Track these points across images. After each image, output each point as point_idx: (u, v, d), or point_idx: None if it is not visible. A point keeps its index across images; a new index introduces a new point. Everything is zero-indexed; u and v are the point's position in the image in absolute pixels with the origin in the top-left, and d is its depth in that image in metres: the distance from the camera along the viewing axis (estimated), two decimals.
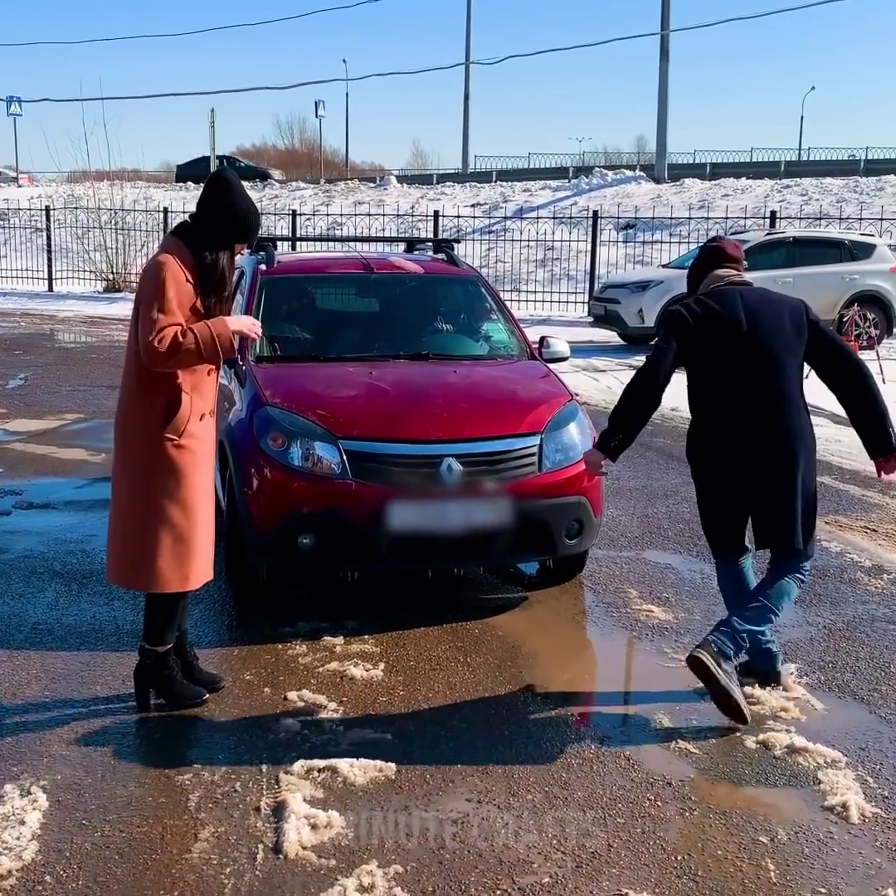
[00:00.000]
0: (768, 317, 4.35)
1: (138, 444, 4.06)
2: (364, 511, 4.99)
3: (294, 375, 5.77)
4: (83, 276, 25.48)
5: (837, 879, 3.24)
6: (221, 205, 4.06)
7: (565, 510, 5.26)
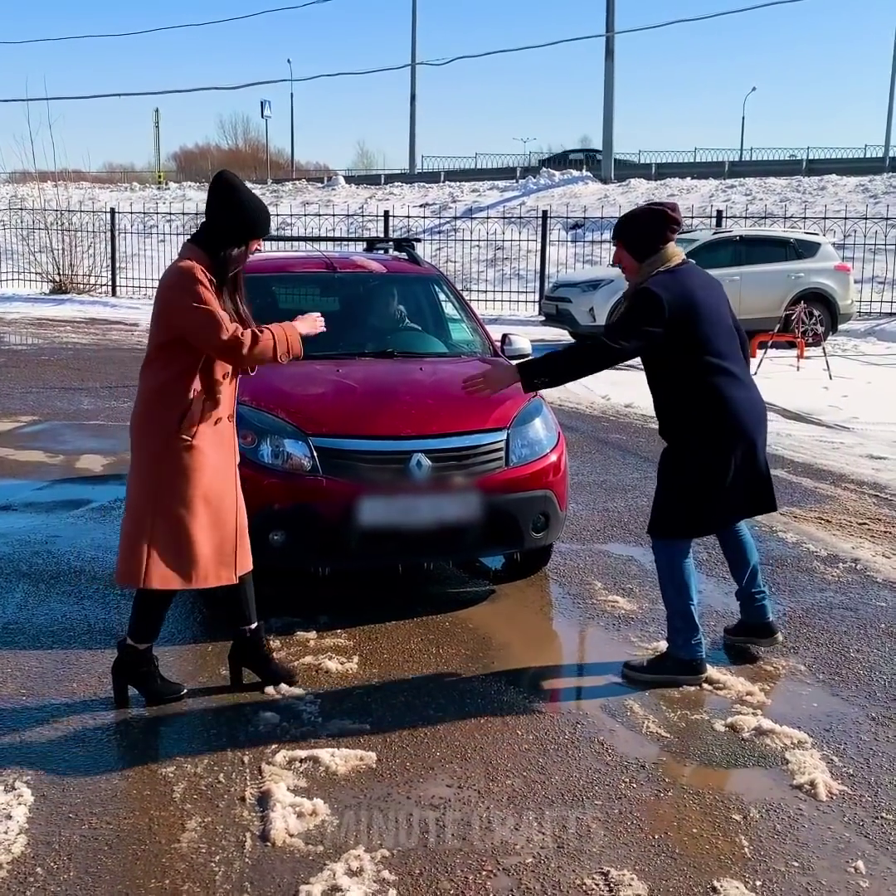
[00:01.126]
0: (718, 288, 4.66)
1: (152, 445, 4.08)
2: (334, 507, 5.05)
3: (261, 373, 5.77)
4: (29, 277, 25.19)
5: (809, 853, 3.36)
6: (232, 203, 4.09)
7: (532, 504, 5.35)
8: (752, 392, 4.60)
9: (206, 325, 3.96)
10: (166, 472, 4.06)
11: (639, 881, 3.19)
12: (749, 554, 4.89)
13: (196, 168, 76.04)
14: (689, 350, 4.45)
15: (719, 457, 4.47)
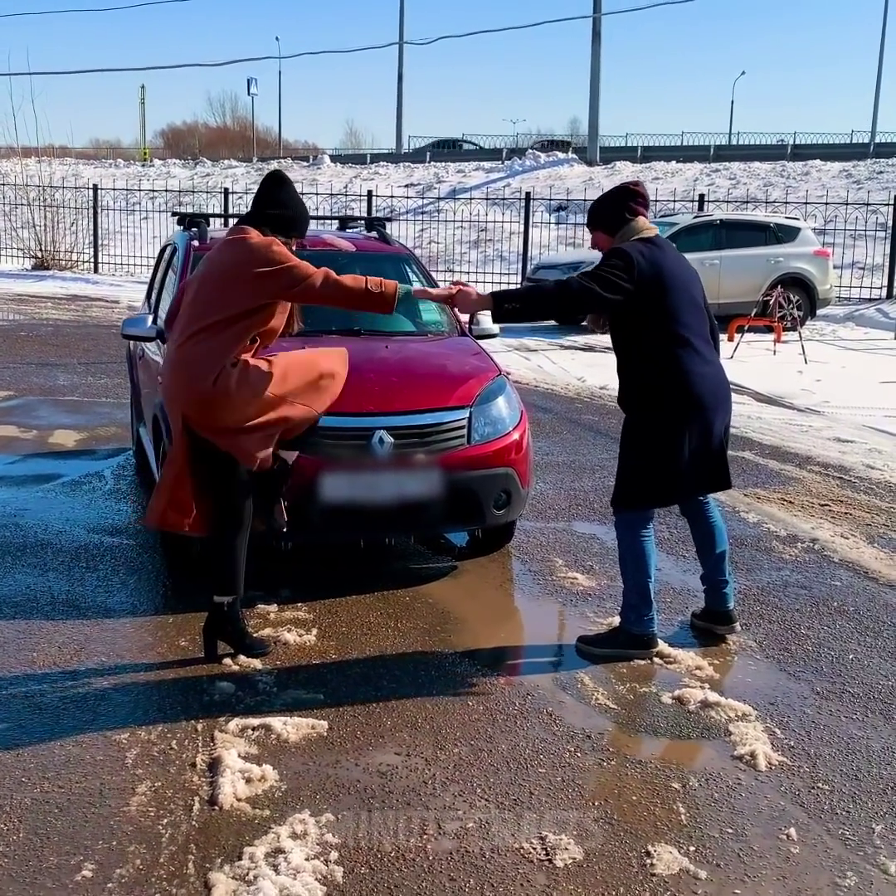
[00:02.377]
0: (692, 270, 4.74)
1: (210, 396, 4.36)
2: (297, 482, 5.10)
3: None
4: (11, 253, 25.09)
5: (744, 821, 3.45)
6: (283, 199, 4.47)
7: (493, 481, 5.42)
8: (715, 370, 4.66)
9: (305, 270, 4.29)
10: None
11: (575, 845, 3.27)
12: (717, 540, 4.92)
13: (184, 145, 75.69)
14: (655, 318, 4.51)
15: (675, 429, 4.54)
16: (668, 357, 4.52)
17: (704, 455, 4.63)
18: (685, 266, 4.70)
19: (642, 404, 4.62)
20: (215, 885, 3.03)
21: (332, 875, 3.10)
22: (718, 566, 4.94)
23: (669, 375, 4.52)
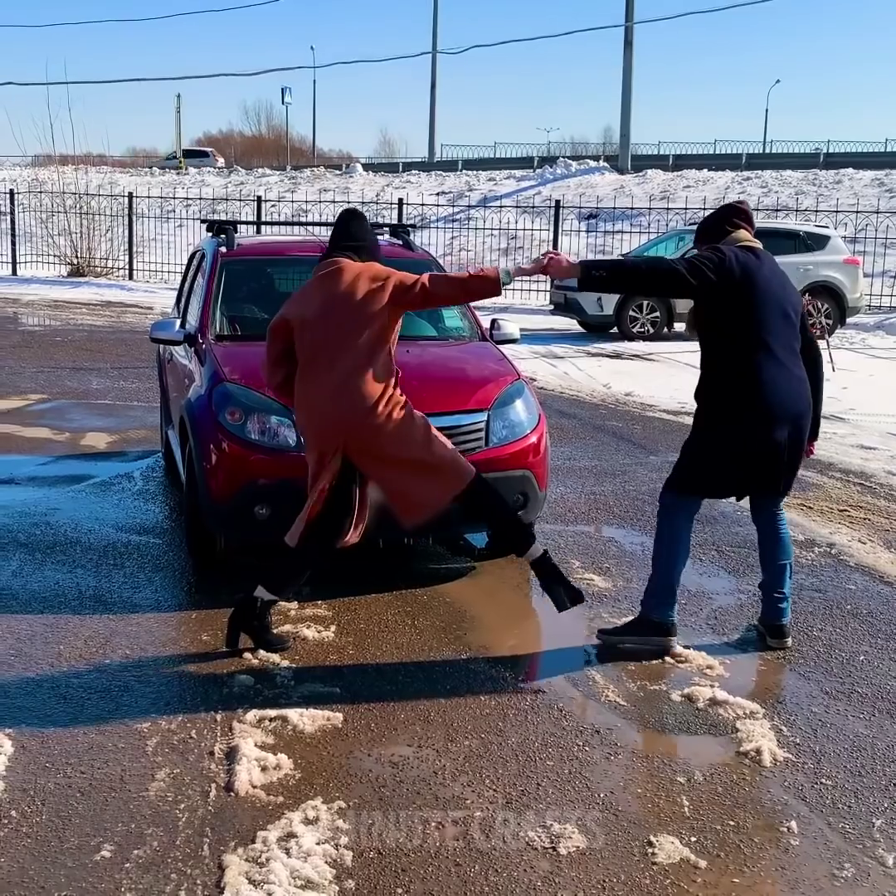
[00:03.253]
0: (787, 280, 4.76)
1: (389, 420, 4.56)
2: None
3: (252, 353, 5.97)
4: (47, 260, 25.47)
5: (746, 814, 3.53)
6: (370, 234, 4.93)
7: (511, 483, 5.50)
8: (793, 383, 4.64)
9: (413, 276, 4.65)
10: None
11: (579, 835, 3.36)
12: (780, 551, 4.91)
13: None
14: (738, 320, 4.56)
15: (734, 430, 4.60)
16: (745, 361, 4.57)
17: (759, 460, 4.63)
18: (781, 279, 4.71)
19: (711, 400, 4.69)
20: (229, 866, 3.14)
21: (342, 859, 3.20)
22: (778, 577, 4.91)
23: (742, 379, 4.57)
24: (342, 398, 4.49)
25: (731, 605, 5.44)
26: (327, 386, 4.52)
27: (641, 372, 13.54)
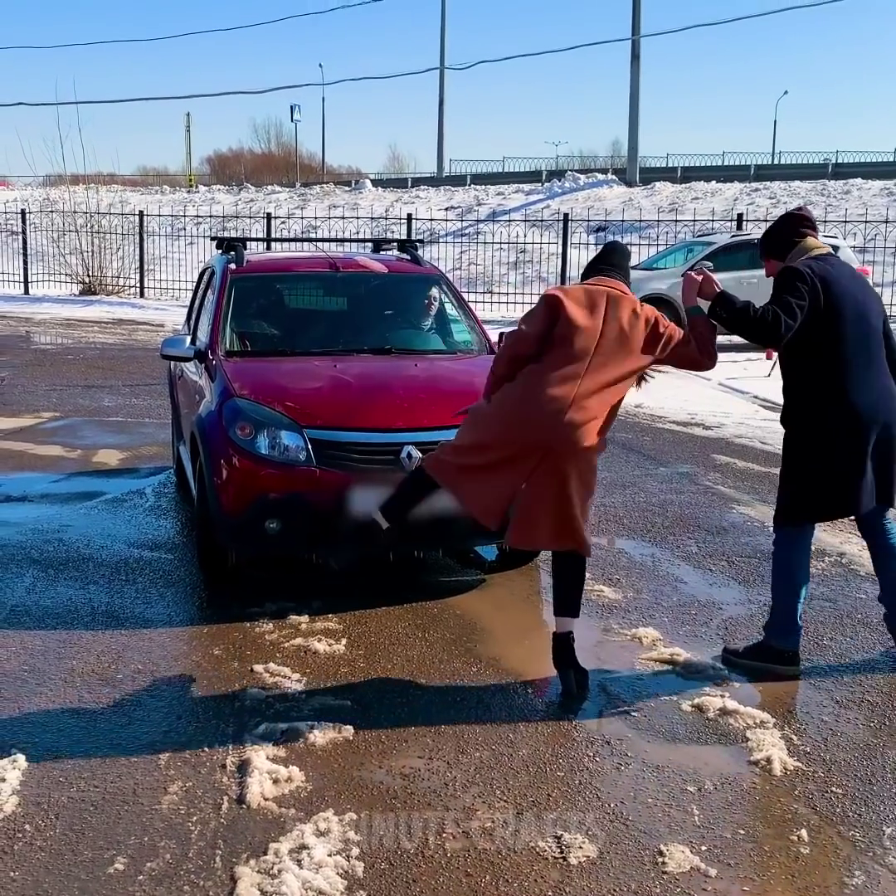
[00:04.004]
0: (869, 290, 4.71)
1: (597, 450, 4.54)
2: (328, 496, 5.25)
3: (262, 369, 6.05)
4: (59, 279, 25.61)
5: (756, 822, 3.54)
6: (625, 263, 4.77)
7: None
8: (881, 391, 4.56)
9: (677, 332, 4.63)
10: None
11: (590, 844, 3.37)
12: (892, 563, 4.81)
13: (230, 172, 76.67)
14: (821, 332, 4.47)
15: (830, 446, 4.52)
16: (832, 377, 4.49)
17: (858, 473, 4.55)
18: (859, 285, 4.65)
19: (802, 421, 4.60)
20: (241, 878, 3.16)
21: (353, 870, 3.22)
22: (891, 589, 4.83)
23: (830, 393, 4.50)
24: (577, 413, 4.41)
25: (741, 615, 5.44)
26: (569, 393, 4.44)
27: (651, 383, 13.52)
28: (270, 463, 5.34)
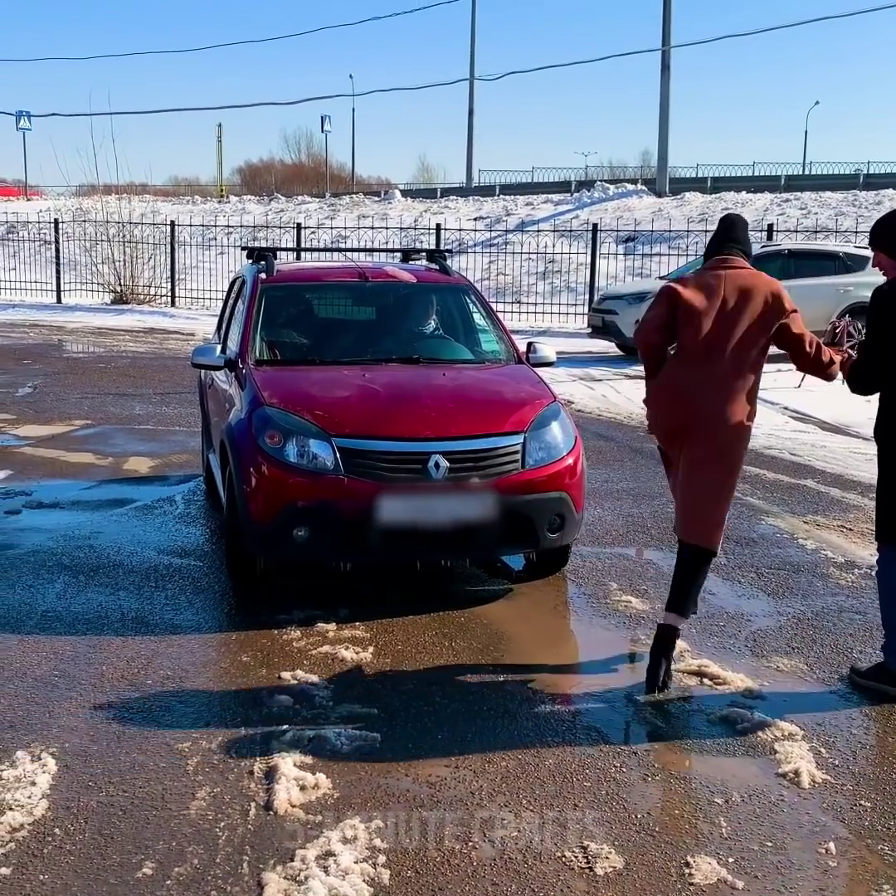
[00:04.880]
0: None
1: (745, 433, 4.65)
2: (355, 505, 5.27)
3: (291, 378, 6.09)
4: (91, 288, 25.84)
5: (784, 835, 3.52)
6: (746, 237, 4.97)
7: (547, 505, 5.53)
8: None
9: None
10: (743, 454, 4.74)
11: (616, 855, 3.36)
12: None
13: (260, 182, 77.13)
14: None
15: None
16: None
17: None
18: None
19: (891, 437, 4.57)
20: (268, 884, 3.18)
21: (380, 877, 3.23)
22: None
23: None
24: (719, 393, 4.58)
25: (770, 627, 5.41)
26: (709, 376, 4.59)
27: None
28: (299, 471, 5.37)
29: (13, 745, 4.03)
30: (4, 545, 6.59)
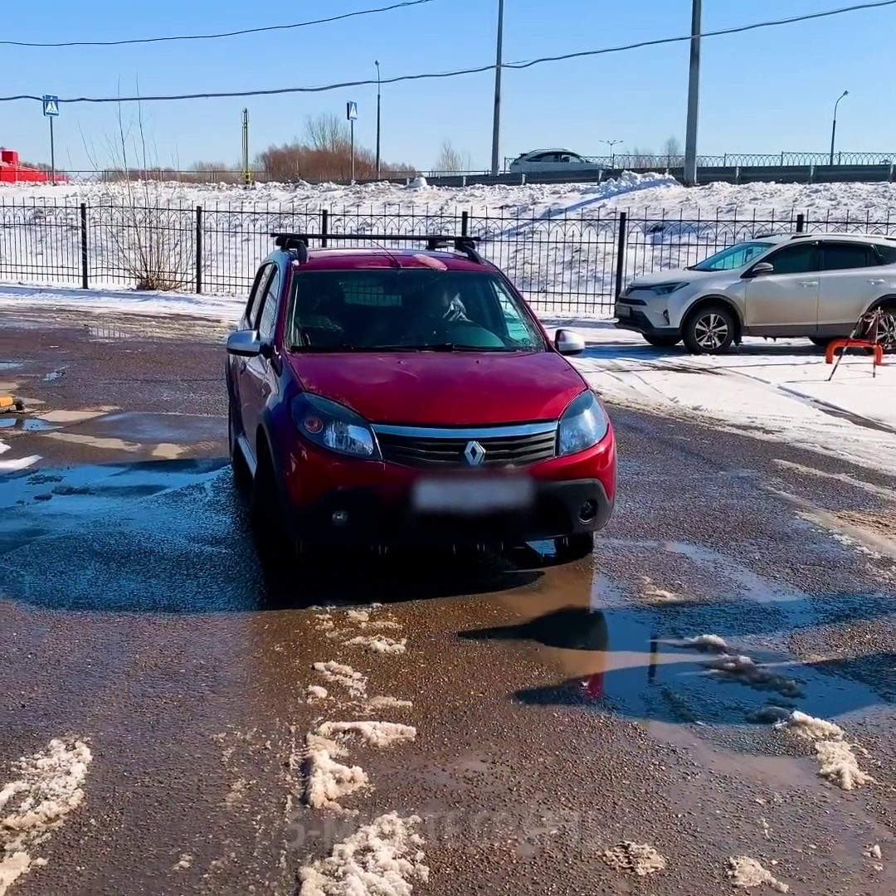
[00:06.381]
0: None
1: None
2: (394, 490, 5.31)
3: (328, 364, 6.11)
4: (117, 273, 25.88)
5: (828, 837, 3.46)
6: None
7: (580, 491, 5.61)
8: None
9: None
10: None
11: (658, 855, 3.32)
12: None
13: (285, 168, 77.08)
14: None
15: None
16: None
17: None
18: None
19: None
20: (306, 878, 3.15)
21: (419, 874, 3.19)
22: None
23: None
24: None
25: (807, 623, 5.34)
26: None
27: (709, 386, 13.41)
28: (338, 456, 5.42)
29: (48, 733, 4.02)
30: (35, 531, 6.59)
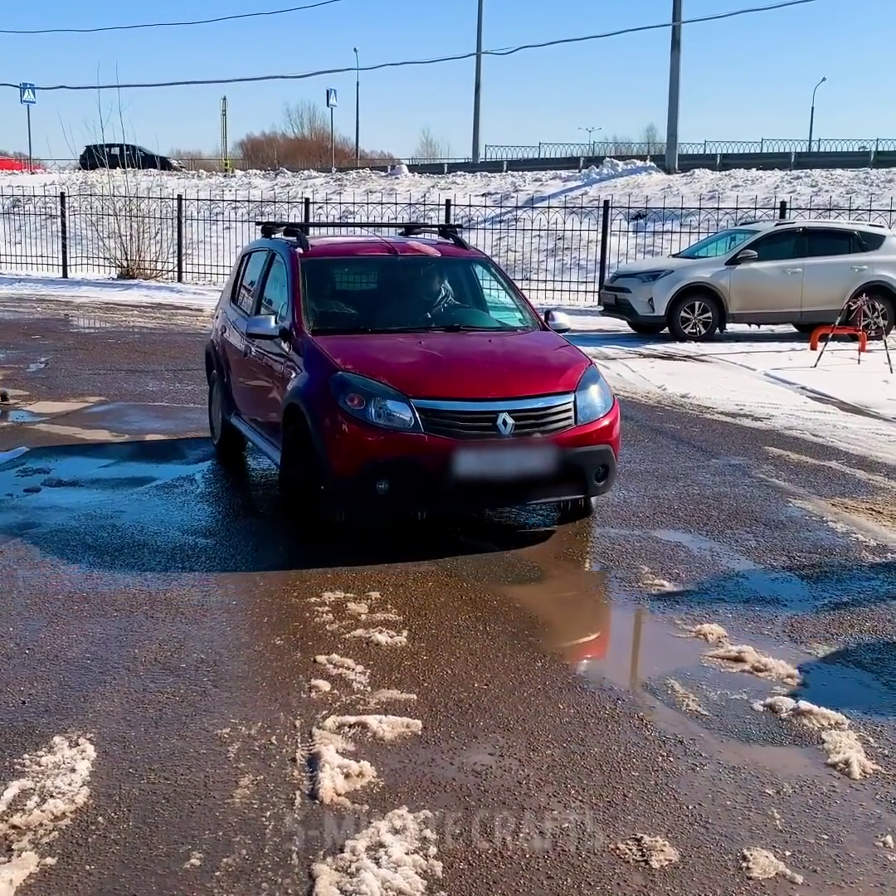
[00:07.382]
0: None
1: None
2: (436, 459, 5.77)
3: (354, 345, 6.47)
4: (98, 262, 25.67)
5: (839, 828, 3.45)
6: None
7: (596, 456, 6.20)
8: None
9: None
10: None
11: (671, 847, 3.30)
12: None
13: (262, 156, 76.63)
14: None
15: None
16: None
17: None
18: None
19: None
20: (319, 876, 3.12)
21: (432, 869, 3.17)
22: None
23: None
24: None
25: (807, 611, 5.34)
26: None
27: (695, 373, 13.41)
28: (381, 429, 5.84)
29: (49, 730, 3.98)
30: (26, 524, 6.53)
